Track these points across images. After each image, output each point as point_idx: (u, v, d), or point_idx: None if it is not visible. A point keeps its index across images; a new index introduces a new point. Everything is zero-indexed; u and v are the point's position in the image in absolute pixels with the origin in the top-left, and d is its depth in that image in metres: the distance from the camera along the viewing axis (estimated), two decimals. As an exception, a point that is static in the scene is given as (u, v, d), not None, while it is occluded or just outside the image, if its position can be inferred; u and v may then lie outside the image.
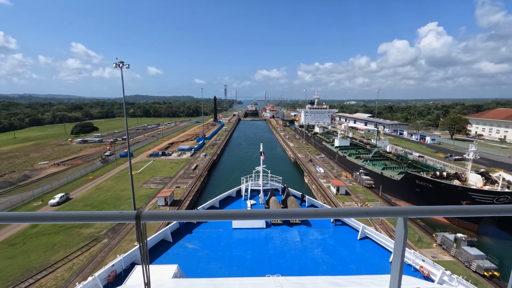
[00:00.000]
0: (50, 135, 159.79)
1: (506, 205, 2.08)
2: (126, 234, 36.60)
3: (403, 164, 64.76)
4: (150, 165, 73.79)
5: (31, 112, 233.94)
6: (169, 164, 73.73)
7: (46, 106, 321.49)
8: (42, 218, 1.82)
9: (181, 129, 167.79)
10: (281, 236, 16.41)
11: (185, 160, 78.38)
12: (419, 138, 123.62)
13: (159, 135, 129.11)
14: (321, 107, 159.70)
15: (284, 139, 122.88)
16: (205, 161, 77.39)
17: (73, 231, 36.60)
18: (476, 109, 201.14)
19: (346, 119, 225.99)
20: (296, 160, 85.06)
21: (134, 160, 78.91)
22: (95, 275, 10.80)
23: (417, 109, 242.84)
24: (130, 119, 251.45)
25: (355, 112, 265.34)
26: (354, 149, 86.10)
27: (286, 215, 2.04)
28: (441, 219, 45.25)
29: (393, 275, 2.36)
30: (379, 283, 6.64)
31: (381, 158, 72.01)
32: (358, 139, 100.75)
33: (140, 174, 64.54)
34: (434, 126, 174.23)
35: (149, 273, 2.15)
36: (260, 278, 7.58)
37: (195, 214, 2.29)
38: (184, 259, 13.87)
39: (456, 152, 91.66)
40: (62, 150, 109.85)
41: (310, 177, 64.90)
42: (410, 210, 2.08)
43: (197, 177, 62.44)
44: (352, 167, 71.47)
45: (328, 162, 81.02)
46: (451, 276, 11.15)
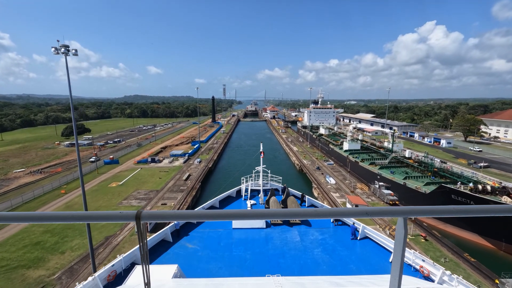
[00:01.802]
0: (40, 137, 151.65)
1: (506, 205, 2.10)
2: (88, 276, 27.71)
3: (427, 173, 55.95)
4: (136, 174, 64.67)
5: (23, 113, 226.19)
6: (158, 173, 64.67)
7: (42, 106, 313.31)
8: (42, 218, 1.81)
9: (177, 131, 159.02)
10: (281, 236, 16.36)
11: (177, 168, 69.36)
12: (433, 141, 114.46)
13: (152, 138, 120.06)
14: (326, 107, 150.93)
15: (286, 142, 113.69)
16: (199, 169, 68.36)
17: (17, 273, 27.76)
18: (483, 109, 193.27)
19: (350, 120, 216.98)
20: (301, 167, 76.02)
21: (119, 168, 69.99)
22: (95, 275, 10.74)
23: (422, 109, 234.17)
24: (126, 120, 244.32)
25: (357, 112, 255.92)
26: (366, 154, 77.28)
27: (286, 215, 2.04)
28: (484, 244, 36.45)
29: (393, 275, 2.36)
30: (379, 283, 6.60)
31: (399, 165, 63.22)
32: (369, 142, 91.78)
33: (123, 187, 55.46)
34: (443, 127, 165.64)
35: (149, 273, 2.15)
36: (260, 278, 7.60)
37: (195, 214, 2.36)
38: (184, 259, 13.81)
39: (477, 157, 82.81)
40: (46, 155, 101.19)
41: (320, 189, 55.99)
42: (410, 210, 2.06)
43: (188, 190, 53.57)
44: (366, 175, 62.59)
45: (338, 170, 72.02)
46: (451, 276, 11.04)
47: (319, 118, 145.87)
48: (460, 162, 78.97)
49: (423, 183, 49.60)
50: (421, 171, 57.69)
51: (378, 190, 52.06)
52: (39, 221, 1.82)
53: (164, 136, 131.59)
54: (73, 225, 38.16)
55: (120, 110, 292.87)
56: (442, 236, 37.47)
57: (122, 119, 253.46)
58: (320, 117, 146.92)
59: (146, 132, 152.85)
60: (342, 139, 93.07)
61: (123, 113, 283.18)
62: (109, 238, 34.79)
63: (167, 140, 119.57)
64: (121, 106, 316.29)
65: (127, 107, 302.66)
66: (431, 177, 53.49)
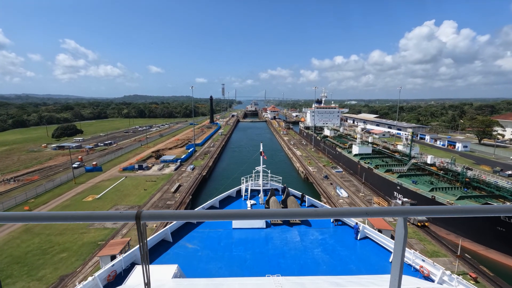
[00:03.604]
0: (29, 138, 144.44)
1: (507, 205, 2.12)
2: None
3: (456, 183, 47.85)
4: (119, 184, 56.13)
5: (16, 113, 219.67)
6: (143, 183, 56.31)
7: (40, 106, 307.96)
8: (42, 218, 1.81)
9: (173, 132, 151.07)
10: (281, 236, 16.32)
11: (167, 177, 61.04)
12: (447, 144, 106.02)
13: (144, 141, 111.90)
14: (330, 107, 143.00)
15: (289, 146, 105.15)
16: (191, 178, 60.07)
17: None
18: (491, 110, 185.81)
19: (354, 121, 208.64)
20: (307, 175, 67.83)
21: (101, 177, 61.71)
22: (95, 275, 10.76)
23: (428, 109, 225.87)
24: (123, 120, 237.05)
25: (358, 112, 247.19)
26: (379, 158, 69.21)
27: (286, 215, 2.06)
28: None
29: (393, 275, 2.36)
30: (379, 283, 6.61)
31: (420, 173, 55.21)
32: (381, 145, 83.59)
33: (100, 201, 47.14)
34: (451, 128, 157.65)
35: (149, 273, 2.15)
36: (260, 278, 7.62)
37: (195, 214, 2.36)
38: (184, 259, 13.78)
39: (501, 163, 74.77)
40: (28, 159, 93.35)
41: (330, 204, 47.82)
42: (409, 210, 2.07)
43: (176, 205, 45.51)
44: (382, 186, 54.52)
45: (349, 179, 63.80)
46: (451, 276, 11.07)
47: (323, 119, 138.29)
48: (483, 168, 70.76)
49: (455, 197, 41.47)
50: (449, 180, 49.57)
51: (401, 207, 43.63)
52: (39, 221, 1.80)
53: (157, 139, 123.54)
54: (24, 259, 30.13)
55: (117, 110, 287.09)
56: (494, 272, 29.39)
57: (118, 120, 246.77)
58: (324, 118, 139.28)
59: (140, 134, 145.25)
60: (350, 142, 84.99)
61: (120, 113, 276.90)
62: (65, 278, 26.82)
63: (161, 143, 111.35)
64: (119, 106, 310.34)
65: (125, 107, 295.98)
66: (464, 189, 45.40)
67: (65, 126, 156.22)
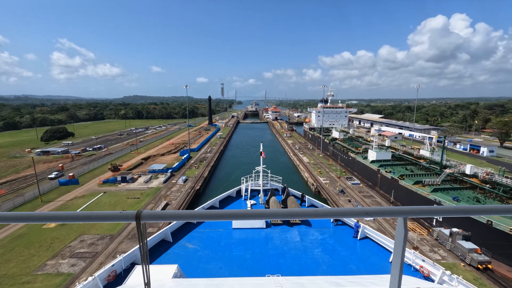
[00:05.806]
0: (18, 142, 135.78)
1: (507, 205, 2.10)
2: None
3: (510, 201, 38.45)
4: (94, 203, 46.05)
5: (7, 115, 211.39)
6: (124, 201, 46.56)
7: (37, 107, 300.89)
8: (42, 218, 1.82)
9: (169, 134, 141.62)
10: (281, 236, 16.22)
11: (153, 192, 51.33)
12: (469, 148, 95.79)
13: (137, 145, 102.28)
14: (337, 106, 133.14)
15: (294, 151, 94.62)
16: (182, 194, 50.29)
17: None
18: (501, 109, 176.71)
19: (360, 122, 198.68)
20: (318, 188, 57.94)
21: (75, 192, 51.96)
22: (95, 275, 10.60)
23: (437, 109, 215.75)
24: (119, 121, 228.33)
25: (361, 112, 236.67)
26: (401, 166, 59.49)
27: (286, 215, 2.07)
28: None
29: (393, 275, 2.38)
30: (379, 283, 6.57)
31: (458, 186, 45.71)
32: (401, 149, 73.72)
33: (64, 228, 36.67)
34: (464, 129, 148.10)
35: (149, 273, 2.16)
36: (260, 278, 7.54)
37: (195, 214, 2.36)
38: (184, 259, 13.65)
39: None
40: (6, 167, 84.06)
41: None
42: (409, 210, 2.08)
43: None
44: (410, 202, 44.99)
45: (369, 193, 53.96)
46: (451, 276, 10.85)
47: (329, 119, 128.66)
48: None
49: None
50: (499, 197, 39.99)
51: (448, 240, 33.53)
52: (39, 221, 1.80)
53: (151, 142, 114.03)
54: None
55: (114, 111, 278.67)
56: None
57: (115, 121, 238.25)
58: (331, 118, 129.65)
59: (139, 135, 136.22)
60: (364, 146, 75.19)
61: (117, 114, 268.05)
62: None
63: (153, 147, 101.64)
64: (116, 107, 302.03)
65: (122, 108, 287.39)
66: None
67: (54, 128, 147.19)
